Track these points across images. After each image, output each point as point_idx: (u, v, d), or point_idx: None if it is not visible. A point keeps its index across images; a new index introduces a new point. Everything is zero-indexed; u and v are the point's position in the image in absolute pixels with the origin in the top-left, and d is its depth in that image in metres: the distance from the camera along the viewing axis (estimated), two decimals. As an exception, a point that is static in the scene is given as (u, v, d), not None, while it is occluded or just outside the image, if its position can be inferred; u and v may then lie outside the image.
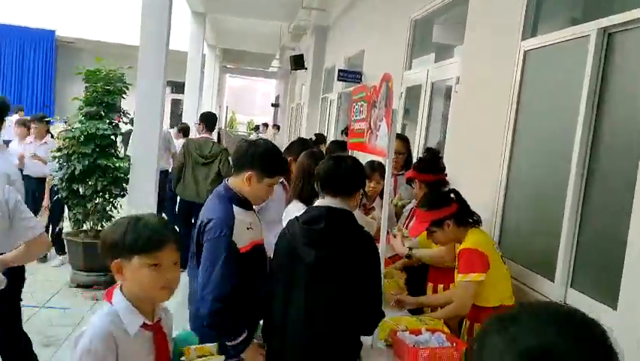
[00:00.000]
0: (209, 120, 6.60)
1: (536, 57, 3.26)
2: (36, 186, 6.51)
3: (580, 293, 2.63)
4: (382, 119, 2.60)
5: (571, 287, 2.70)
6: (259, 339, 2.42)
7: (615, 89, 2.58)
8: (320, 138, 7.57)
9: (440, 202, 2.84)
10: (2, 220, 2.67)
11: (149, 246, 1.58)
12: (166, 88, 6.34)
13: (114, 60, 6.06)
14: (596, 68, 2.64)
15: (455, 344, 2.36)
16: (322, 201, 2.31)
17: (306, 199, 3.07)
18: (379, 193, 3.81)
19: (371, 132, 2.80)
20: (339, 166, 2.31)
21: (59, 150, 5.86)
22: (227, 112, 23.31)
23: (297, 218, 2.30)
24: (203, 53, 13.88)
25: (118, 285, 1.69)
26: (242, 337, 2.24)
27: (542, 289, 2.85)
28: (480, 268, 2.62)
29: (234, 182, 2.41)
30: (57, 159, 5.83)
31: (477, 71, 4.01)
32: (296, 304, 2.22)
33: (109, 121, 5.92)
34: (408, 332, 2.43)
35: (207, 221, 2.30)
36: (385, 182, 2.74)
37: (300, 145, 3.72)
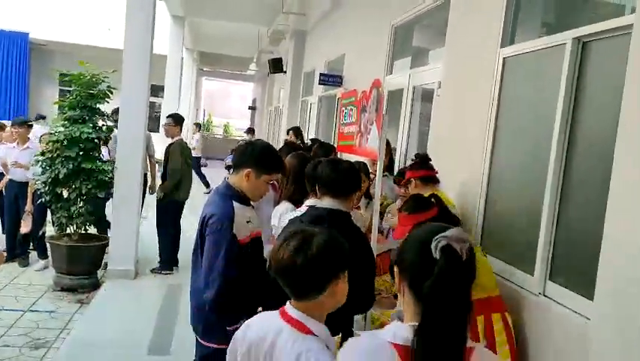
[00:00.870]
0: (181, 122, 6.82)
1: (515, 64, 3.44)
2: (19, 189, 6.48)
3: (558, 286, 2.80)
4: (373, 122, 2.74)
5: (549, 280, 2.87)
6: None
7: (589, 94, 2.77)
8: (297, 132, 7.98)
9: (422, 206, 2.97)
10: None
11: None
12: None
13: (88, 63, 6.08)
14: (572, 75, 2.83)
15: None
16: (321, 202, 2.46)
17: (295, 200, 3.22)
18: (363, 193, 3.96)
19: (361, 135, 2.94)
20: (336, 169, 2.47)
21: (43, 154, 5.84)
22: (204, 115, 23.24)
23: (301, 219, 2.47)
24: (181, 57, 13.87)
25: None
26: (242, 322, 2.37)
27: (522, 282, 3.03)
28: None
29: (234, 179, 2.56)
30: (40, 163, 5.81)
31: (458, 76, 4.18)
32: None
33: (92, 125, 5.94)
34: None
35: (210, 216, 2.47)
36: (377, 181, 2.88)
37: (289, 149, 3.84)
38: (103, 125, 6.10)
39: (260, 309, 2.49)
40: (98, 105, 6.03)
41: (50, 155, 5.77)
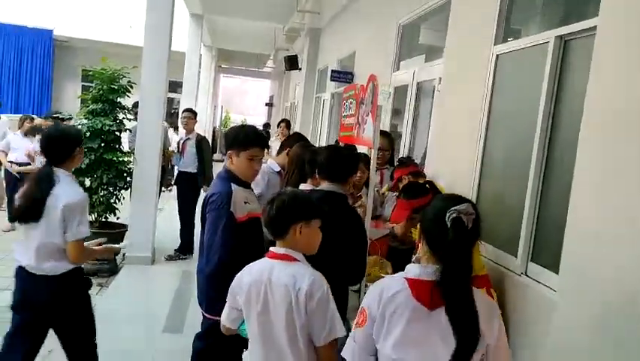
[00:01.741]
0: (196, 115, 7.33)
1: (506, 60, 3.66)
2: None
3: (539, 266, 3.03)
4: (368, 114, 2.99)
5: (531, 261, 3.10)
6: None
7: (569, 88, 2.98)
8: (288, 124, 8.82)
9: (419, 192, 3.22)
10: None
11: None
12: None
13: (110, 59, 6.42)
14: (554, 70, 3.05)
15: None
16: (322, 185, 2.72)
17: (297, 185, 3.47)
18: (365, 183, 4.21)
19: (359, 126, 3.19)
20: (335, 155, 2.72)
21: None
22: (222, 111, 23.63)
23: None
24: (200, 54, 14.21)
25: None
26: None
27: (507, 263, 3.25)
28: None
29: (227, 165, 2.85)
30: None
31: (457, 72, 4.40)
32: None
33: (113, 118, 6.28)
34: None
35: (210, 195, 2.78)
36: (371, 170, 3.13)
37: (297, 139, 4.09)
38: (123, 118, 6.44)
39: None
40: (119, 99, 6.38)
41: (74, 146, 6.12)
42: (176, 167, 7.45)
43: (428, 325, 1.62)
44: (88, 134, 6.04)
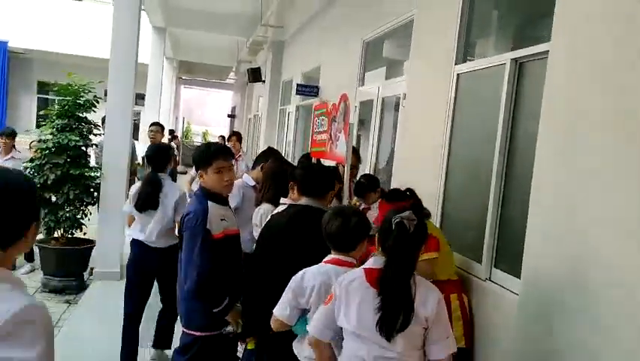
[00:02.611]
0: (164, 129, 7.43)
1: (467, 79, 3.91)
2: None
3: (502, 272, 3.25)
4: (341, 131, 3.15)
5: (494, 267, 3.32)
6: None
7: (524, 106, 3.24)
8: (239, 137, 8.66)
9: (399, 197, 3.38)
10: None
11: None
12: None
13: (68, 71, 6.40)
14: (511, 89, 3.30)
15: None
16: (300, 200, 2.83)
17: (274, 201, 3.57)
18: (335, 195, 4.35)
19: (332, 142, 3.35)
20: (311, 172, 2.84)
21: (32, 161, 6.12)
22: (183, 123, 23.44)
23: (281, 214, 2.80)
24: (162, 66, 14.15)
25: None
26: (224, 303, 2.74)
27: (472, 269, 3.47)
28: (433, 248, 3.20)
29: (201, 183, 2.94)
30: (29, 170, 6.08)
31: (420, 89, 4.64)
32: (280, 287, 2.67)
33: (79, 133, 6.24)
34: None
35: (187, 214, 2.85)
36: (345, 183, 3.28)
37: (271, 154, 4.16)
38: (90, 133, 6.40)
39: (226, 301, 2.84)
40: (85, 114, 6.35)
41: (39, 162, 6.05)
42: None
43: (372, 304, 2.04)
44: (54, 149, 6.00)
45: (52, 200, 6.10)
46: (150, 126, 7.37)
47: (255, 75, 13.28)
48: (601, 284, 2.23)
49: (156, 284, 4.28)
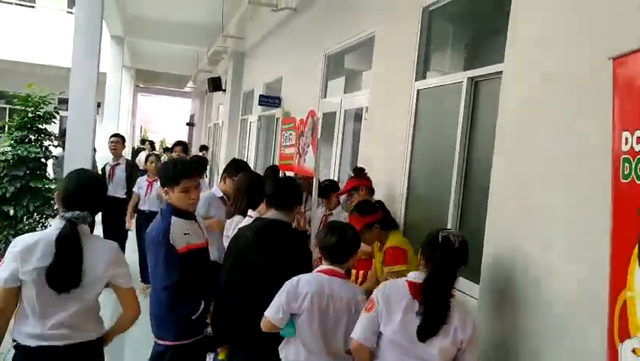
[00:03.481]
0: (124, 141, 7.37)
1: (426, 94, 4.13)
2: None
3: (465, 279, 3.44)
4: (309, 145, 3.29)
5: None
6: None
7: (480, 120, 3.47)
8: (185, 147, 8.65)
9: (371, 209, 3.51)
10: None
11: None
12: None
13: (21, 79, 6.30)
14: (468, 105, 3.53)
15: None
16: (266, 213, 2.92)
17: (245, 212, 3.65)
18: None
19: (299, 156, 3.48)
20: (279, 186, 2.94)
21: (-12, 174, 5.98)
22: (140, 131, 23.09)
23: (248, 228, 2.89)
24: (121, 76, 13.96)
25: None
26: (200, 310, 2.83)
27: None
28: (402, 261, 3.35)
29: (167, 198, 2.97)
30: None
31: (382, 103, 4.84)
32: (247, 300, 2.74)
33: (39, 145, 6.15)
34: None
35: (149, 232, 2.91)
36: (313, 194, 3.42)
37: (237, 166, 4.22)
38: (50, 144, 6.32)
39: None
40: (45, 126, 6.26)
41: (-3, 174, 5.93)
42: None
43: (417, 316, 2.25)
44: (12, 161, 5.90)
45: (10, 213, 5.99)
46: (111, 137, 7.28)
47: (216, 84, 13.27)
48: (551, 290, 2.46)
49: None
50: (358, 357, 2.40)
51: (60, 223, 2.31)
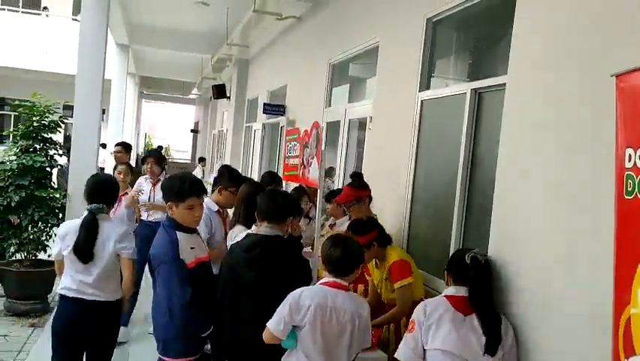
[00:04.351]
0: (130, 150, 7.25)
1: (430, 105, 4.13)
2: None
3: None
4: (314, 157, 3.30)
5: (459, 284, 3.51)
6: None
7: (483, 132, 3.47)
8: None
9: (367, 229, 3.50)
10: None
11: None
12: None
13: (25, 86, 6.34)
14: (471, 117, 3.53)
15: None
16: (259, 228, 2.88)
17: (248, 223, 3.63)
18: (305, 214, 4.49)
19: (304, 167, 3.49)
20: (273, 198, 2.92)
21: (-7, 183, 6.01)
22: (145, 138, 23.20)
23: (239, 245, 2.87)
24: (126, 83, 14.05)
25: None
26: (211, 328, 2.82)
27: (438, 288, 3.65)
28: (409, 274, 3.38)
29: (170, 213, 2.94)
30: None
31: (386, 113, 4.84)
32: (241, 316, 2.76)
33: (45, 154, 6.18)
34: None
35: (156, 251, 2.85)
36: (318, 208, 3.42)
37: (230, 174, 4.02)
38: (54, 153, 6.34)
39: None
40: (50, 135, 6.29)
41: (2, 183, 5.95)
42: None
43: (464, 326, 2.47)
44: (17, 171, 5.92)
45: (14, 222, 6.00)
46: (115, 146, 7.30)
47: (220, 92, 13.33)
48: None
49: None
50: None
51: (85, 213, 3.24)
